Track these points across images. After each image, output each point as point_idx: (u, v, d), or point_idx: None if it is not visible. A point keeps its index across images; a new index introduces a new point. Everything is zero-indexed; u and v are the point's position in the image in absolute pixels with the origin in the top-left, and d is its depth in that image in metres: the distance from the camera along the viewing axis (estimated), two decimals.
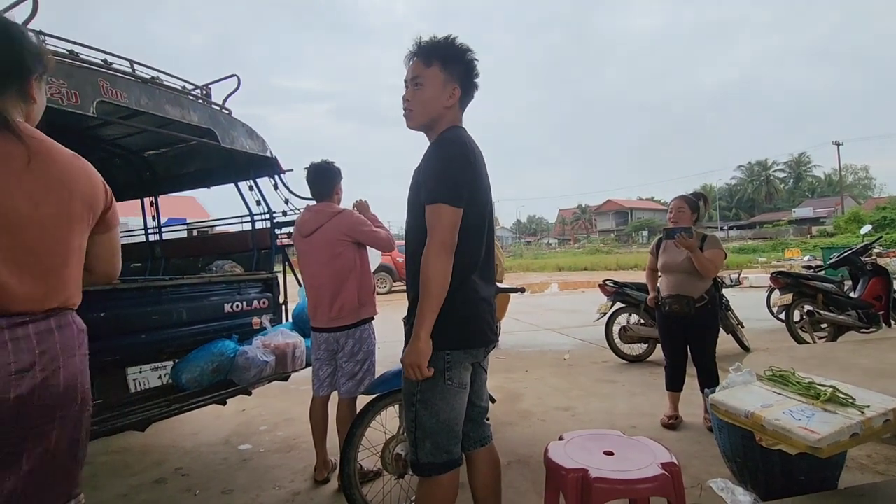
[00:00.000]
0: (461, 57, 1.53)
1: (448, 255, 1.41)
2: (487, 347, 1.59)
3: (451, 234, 1.42)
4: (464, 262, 1.47)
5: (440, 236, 1.40)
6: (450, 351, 1.46)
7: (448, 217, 1.41)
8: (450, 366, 1.46)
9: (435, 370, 1.44)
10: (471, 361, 1.53)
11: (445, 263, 1.41)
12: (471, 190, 1.46)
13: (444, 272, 1.40)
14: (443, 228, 1.41)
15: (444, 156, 1.46)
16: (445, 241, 1.41)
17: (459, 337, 1.48)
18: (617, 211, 65.32)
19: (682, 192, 3.36)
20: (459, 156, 1.46)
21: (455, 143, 1.48)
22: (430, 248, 1.41)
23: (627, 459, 1.60)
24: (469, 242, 1.48)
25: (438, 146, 1.49)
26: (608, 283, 5.37)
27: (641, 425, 3.27)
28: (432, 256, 1.40)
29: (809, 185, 59.40)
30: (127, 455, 3.10)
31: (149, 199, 4.30)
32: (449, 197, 1.41)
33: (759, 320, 6.75)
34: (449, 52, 1.52)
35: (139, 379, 2.62)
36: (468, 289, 1.49)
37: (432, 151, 1.49)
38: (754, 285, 11.24)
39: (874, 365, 3.71)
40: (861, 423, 1.82)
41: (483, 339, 1.54)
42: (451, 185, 1.42)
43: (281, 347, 2.96)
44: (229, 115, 3.14)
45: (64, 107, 2.10)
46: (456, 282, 1.45)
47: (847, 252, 5.77)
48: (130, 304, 2.59)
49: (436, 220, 1.41)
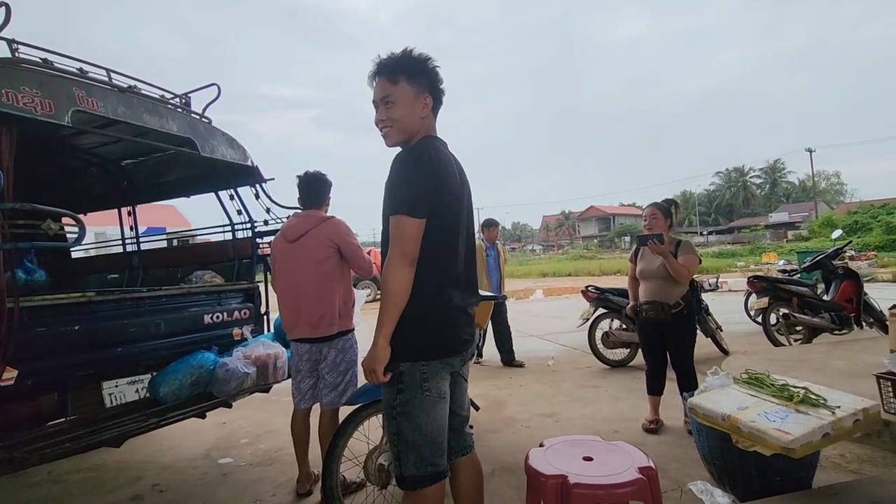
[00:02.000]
0: (423, 67, 1.55)
1: (407, 265, 1.43)
2: (464, 356, 1.59)
3: (411, 244, 1.43)
4: (437, 273, 1.48)
5: (399, 247, 1.43)
6: (425, 362, 1.47)
7: (407, 228, 1.43)
8: (426, 377, 1.47)
9: (414, 382, 1.45)
10: (448, 371, 1.53)
11: (404, 274, 1.43)
12: (436, 201, 1.46)
13: (402, 282, 1.42)
14: (402, 239, 1.43)
15: (404, 167, 1.48)
16: (405, 252, 1.42)
17: (434, 348, 1.48)
18: (600, 217, 66.20)
19: (663, 198, 3.44)
20: (420, 167, 1.46)
21: (416, 154, 1.49)
22: (390, 258, 1.44)
23: (606, 464, 1.62)
24: (442, 254, 1.50)
25: (400, 158, 1.50)
26: (590, 289, 5.43)
27: (624, 430, 3.30)
28: (391, 267, 1.43)
29: (785, 191, 60.94)
30: (102, 472, 3.02)
31: (126, 208, 4.22)
32: (408, 208, 1.43)
33: (737, 324, 6.88)
34: (412, 65, 1.54)
35: (115, 393, 2.55)
36: (442, 300, 1.49)
37: (395, 163, 1.50)
38: (733, 289, 11.46)
39: (846, 366, 3.83)
40: (832, 423, 1.87)
41: (458, 348, 1.55)
42: (410, 197, 1.44)
43: (262, 358, 2.92)
44: (209, 123, 3.11)
45: (38, 116, 2.06)
46: (429, 292, 1.46)
47: (819, 256, 5.92)
48: (106, 316, 2.53)
49: (396, 231, 1.44)
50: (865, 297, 5.40)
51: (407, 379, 1.46)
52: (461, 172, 1.64)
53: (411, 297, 1.45)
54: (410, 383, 1.46)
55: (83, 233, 2.43)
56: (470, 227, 1.67)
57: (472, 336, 1.63)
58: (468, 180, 1.72)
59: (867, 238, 24.13)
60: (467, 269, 1.61)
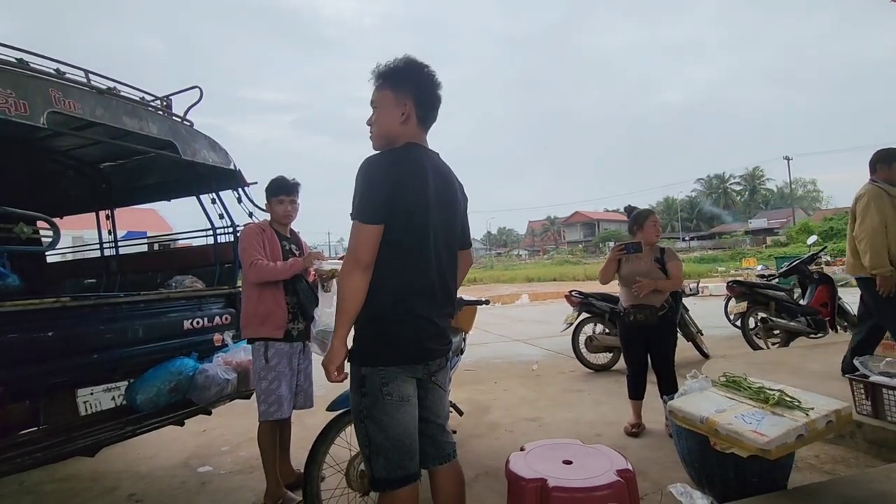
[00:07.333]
0: (411, 76, 1.57)
1: (360, 270, 1.45)
2: (428, 364, 1.57)
3: (364, 249, 1.45)
4: (399, 280, 1.49)
5: (352, 252, 1.47)
6: (383, 367, 1.48)
7: (360, 234, 1.46)
8: (385, 381, 1.48)
9: (374, 386, 1.47)
10: (409, 376, 1.52)
11: (356, 279, 1.45)
12: (396, 207, 1.47)
13: (354, 287, 1.45)
14: (355, 245, 1.46)
15: (361, 174, 1.50)
16: (358, 258, 1.45)
17: (391, 353, 1.49)
18: (584, 222, 66.94)
19: (647, 205, 3.53)
20: (376, 174, 1.48)
21: (374, 161, 1.51)
22: (344, 263, 1.49)
23: (585, 467, 1.64)
24: (404, 262, 1.49)
25: (364, 163, 1.52)
26: (574, 294, 5.48)
27: (606, 433, 3.33)
28: (343, 272, 1.48)
29: (764, 198, 62.38)
30: (75, 482, 2.94)
31: (105, 212, 4.14)
32: (361, 214, 1.46)
33: (718, 328, 7.00)
34: (398, 74, 1.57)
35: (90, 401, 2.49)
36: (404, 307, 1.49)
37: (359, 168, 1.52)
38: (714, 294, 11.65)
39: (822, 368, 3.93)
40: (806, 424, 1.92)
41: (418, 356, 1.53)
42: (365, 204, 1.46)
43: (243, 364, 2.88)
44: (191, 126, 3.08)
45: (11, 117, 2.02)
46: (391, 299, 1.48)
47: (795, 262, 6.07)
48: (81, 322, 2.48)
49: (351, 237, 1.48)
50: (840, 301, 5.55)
51: (368, 383, 1.48)
52: (447, 180, 1.63)
53: (374, 303, 1.48)
54: (372, 387, 1.48)
55: (58, 237, 2.38)
56: (453, 234, 1.66)
57: (440, 345, 1.61)
58: (462, 186, 1.73)
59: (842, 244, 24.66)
60: (441, 277, 1.58)
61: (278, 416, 2.48)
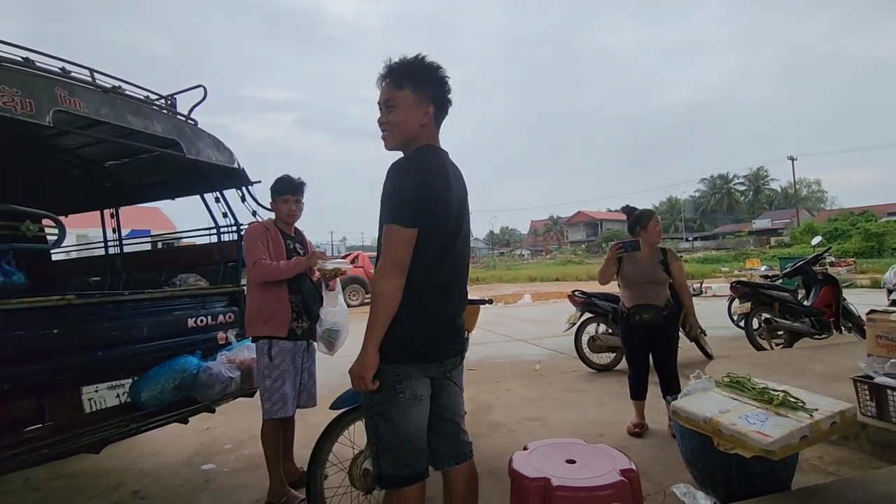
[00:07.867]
0: (431, 76, 1.55)
1: (398, 274, 1.44)
2: (443, 362, 1.58)
3: (402, 253, 1.44)
4: (418, 281, 1.48)
5: (390, 256, 1.44)
6: (398, 365, 1.48)
7: (399, 238, 1.44)
8: (400, 378, 1.48)
9: (388, 383, 1.47)
10: (424, 374, 1.53)
11: (394, 282, 1.44)
12: (430, 211, 1.46)
13: (391, 291, 1.44)
14: (393, 248, 1.44)
15: (398, 177, 1.48)
16: (396, 261, 1.44)
17: (407, 352, 1.49)
18: (587, 222, 66.74)
19: (650, 204, 3.52)
20: (414, 177, 1.47)
21: (411, 165, 1.50)
22: (381, 266, 1.46)
23: (588, 467, 1.64)
24: (425, 263, 1.49)
25: (396, 167, 1.51)
26: (577, 294, 5.47)
27: (609, 433, 3.33)
28: (381, 275, 1.45)
29: (767, 198, 62.06)
30: (80, 479, 2.95)
31: (109, 210, 4.16)
32: (400, 218, 1.44)
33: (721, 328, 6.98)
34: (419, 73, 1.54)
35: (95, 398, 2.51)
36: (422, 306, 1.49)
37: (390, 172, 1.50)
38: (717, 294, 11.62)
39: (826, 369, 3.92)
40: (810, 425, 1.91)
41: (435, 354, 1.54)
42: (403, 207, 1.45)
43: (247, 363, 2.89)
44: (195, 125, 3.09)
45: (17, 116, 2.03)
46: (409, 298, 1.46)
47: (800, 262, 6.04)
48: (86, 319, 2.49)
49: (387, 240, 1.45)
50: (844, 302, 5.51)
51: (382, 379, 1.48)
52: (458, 180, 1.64)
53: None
54: (385, 384, 1.47)
55: (63, 234, 2.40)
56: (467, 233, 1.67)
57: (457, 344, 1.62)
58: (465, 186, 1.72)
59: (846, 245, 24.62)
60: (456, 276, 1.60)
61: (282, 414, 2.48)
